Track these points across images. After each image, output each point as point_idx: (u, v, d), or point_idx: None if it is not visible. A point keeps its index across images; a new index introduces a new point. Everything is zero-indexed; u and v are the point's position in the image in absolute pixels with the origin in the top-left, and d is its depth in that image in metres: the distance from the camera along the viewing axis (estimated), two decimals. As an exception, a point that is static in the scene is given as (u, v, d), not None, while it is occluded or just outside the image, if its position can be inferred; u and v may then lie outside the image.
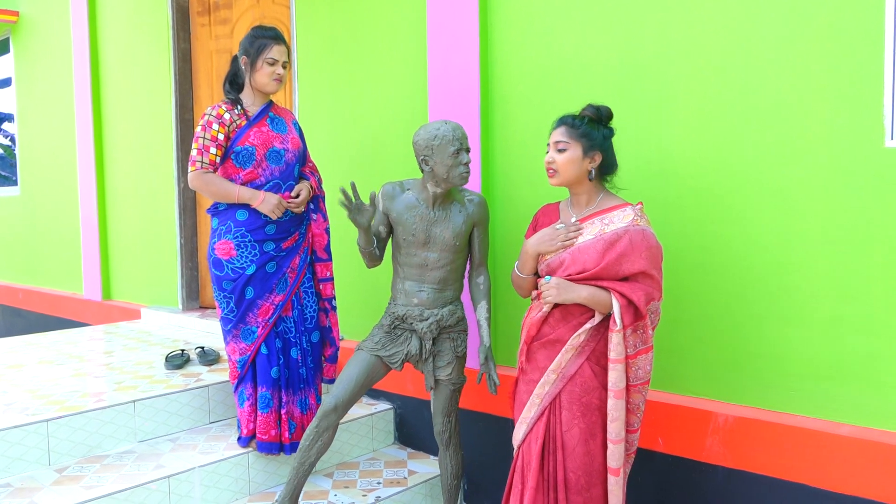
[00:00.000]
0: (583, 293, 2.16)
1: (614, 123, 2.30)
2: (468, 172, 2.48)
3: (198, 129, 2.83)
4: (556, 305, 2.24)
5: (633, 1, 2.64)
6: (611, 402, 2.17)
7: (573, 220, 2.28)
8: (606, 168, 2.28)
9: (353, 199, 2.47)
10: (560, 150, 2.22)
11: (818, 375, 2.31)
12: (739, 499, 2.43)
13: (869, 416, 2.22)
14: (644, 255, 2.15)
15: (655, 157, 2.62)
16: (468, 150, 2.49)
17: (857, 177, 2.20)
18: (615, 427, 2.17)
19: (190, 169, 2.84)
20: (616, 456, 2.19)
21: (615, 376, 2.15)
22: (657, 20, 2.59)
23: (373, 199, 2.50)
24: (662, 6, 2.57)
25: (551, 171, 2.25)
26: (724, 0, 2.43)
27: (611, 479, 2.20)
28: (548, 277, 2.18)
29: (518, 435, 2.31)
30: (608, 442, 2.19)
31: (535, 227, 2.41)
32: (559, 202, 2.41)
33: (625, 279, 2.17)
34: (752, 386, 2.45)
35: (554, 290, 2.18)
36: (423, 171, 2.51)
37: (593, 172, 2.24)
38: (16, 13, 6.49)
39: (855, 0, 2.18)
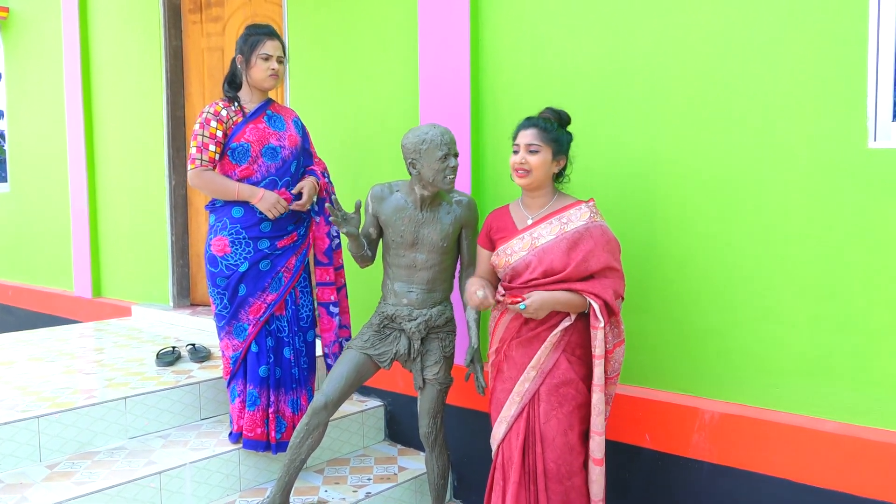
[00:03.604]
0: (560, 300, 2.22)
1: (604, 124, 2.35)
2: (455, 177, 2.51)
3: (196, 126, 2.83)
4: None
5: (623, 6, 2.67)
6: (595, 397, 2.24)
7: (529, 221, 2.35)
8: (562, 171, 2.39)
9: (339, 213, 2.53)
10: (532, 152, 2.29)
11: (802, 372, 2.34)
12: (725, 494, 2.46)
13: (852, 413, 2.26)
14: (606, 249, 2.26)
15: (643, 158, 2.64)
16: (456, 155, 2.51)
17: (841, 177, 2.23)
18: (599, 420, 2.25)
19: (189, 167, 2.83)
20: (600, 447, 2.26)
21: (599, 371, 2.23)
22: (646, 24, 2.61)
23: (357, 207, 2.56)
24: (652, 11, 2.60)
25: (523, 172, 2.30)
26: (712, 6, 2.46)
27: (595, 469, 2.27)
28: (522, 305, 2.19)
29: (498, 434, 2.36)
30: (593, 434, 2.26)
31: (487, 233, 2.47)
32: (507, 206, 2.47)
33: (590, 276, 2.25)
34: (738, 383, 2.48)
35: (534, 312, 2.21)
36: (410, 173, 2.53)
37: (555, 175, 2.36)
38: (6, 9, 6.45)
39: (839, 3, 2.21)
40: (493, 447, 2.40)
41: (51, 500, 2.43)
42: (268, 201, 2.82)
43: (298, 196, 2.95)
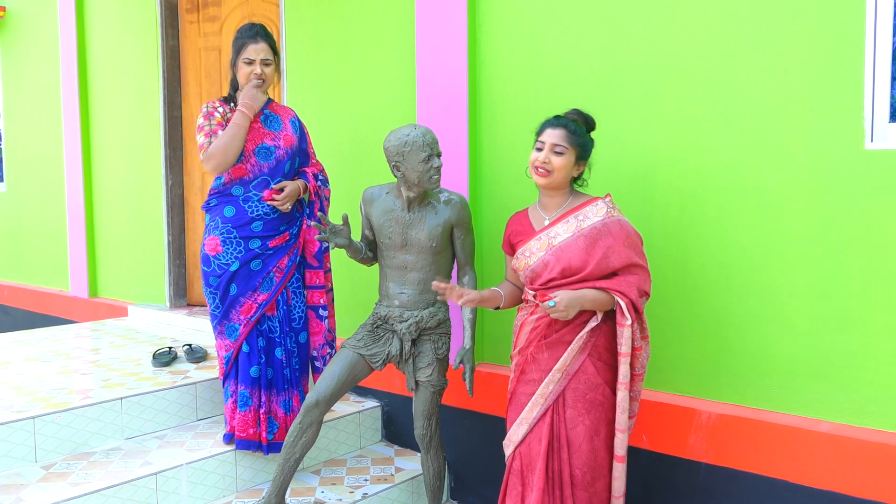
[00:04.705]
0: (588, 297, 2.17)
1: (600, 125, 2.35)
2: (439, 177, 2.53)
3: (199, 120, 2.82)
4: None
5: (619, 5, 2.67)
6: (620, 395, 2.22)
7: (546, 222, 2.33)
8: (580, 175, 2.37)
9: (327, 226, 2.57)
10: (557, 153, 2.25)
11: (798, 373, 2.35)
12: (721, 494, 2.46)
13: (847, 413, 2.27)
14: (626, 244, 2.22)
15: (639, 158, 2.64)
16: (439, 155, 2.53)
17: (838, 178, 2.24)
18: (624, 418, 2.23)
19: (201, 155, 2.80)
20: (623, 444, 2.25)
21: (624, 369, 2.21)
22: (642, 24, 2.62)
23: (345, 220, 2.60)
24: (647, 11, 2.60)
25: (543, 171, 2.27)
26: (706, 6, 2.46)
27: (618, 466, 2.26)
28: (552, 303, 2.14)
29: (517, 435, 2.32)
30: (617, 432, 2.25)
31: (509, 237, 2.45)
32: (526, 209, 2.45)
33: (613, 273, 2.22)
34: (734, 383, 2.48)
35: (563, 311, 2.15)
36: (395, 175, 2.55)
37: (572, 178, 2.34)
38: (2, 8, 6.44)
39: (836, 4, 2.21)
40: (508, 450, 2.35)
41: (46, 501, 2.42)
42: (246, 95, 2.82)
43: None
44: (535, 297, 2.30)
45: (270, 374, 2.93)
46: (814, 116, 2.27)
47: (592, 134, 2.37)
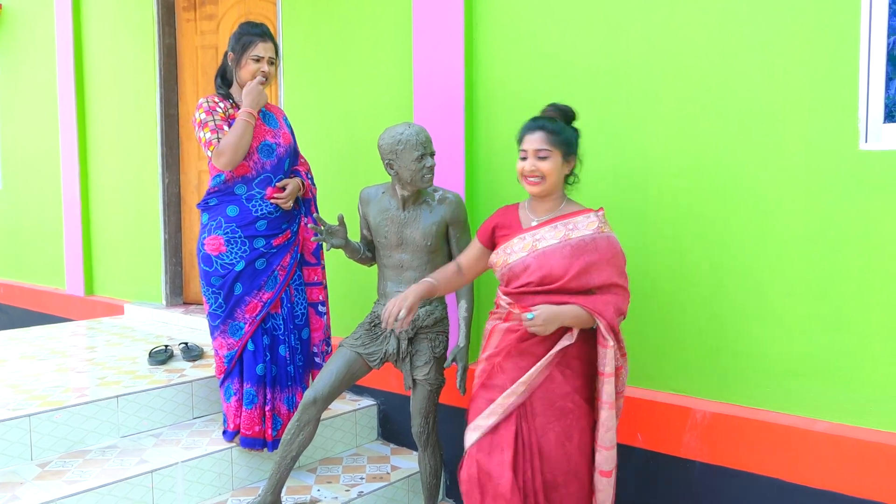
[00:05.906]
0: (570, 313, 2.10)
1: (598, 124, 2.34)
2: (432, 176, 2.53)
3: (201, 115, 2.79)
4: None
5: (617, 5, 2.67)
6: (604, 414, 2.15)
7: (533, 223, 2.24)
8: (572, 171, 2.26)
9: (323, 227, 2.58)
10: (542, 158, 2.16)
11: (794, 372, 2.35)
12: (716, 493, 2.47)
13: (843, 413, 2.27)
14: (612, 262, 2.16)
15: (635, 158, 2.65)
16: (432, 154, 2.53)
17: (833, 179, 2.24)
18: (610, 437, 2.17)
19: (208, 151, 2.77)
20: (608, 461, 2.18)
21: (609, 388, 2.14)
22: (640, 24, 2.62)
23: (340, 220, 2.61)
24: (645, 11, 2.60)
25: (535, 180, 2.18)
26: (704, 6, 2.47)
27: (603, 480, 2.20)
28: (531, 315, 2.07)
29: (469, 440, 2.22)
30: (600, 448, 2.18)
31: (491, 228, 2.33)
32: (517, 204, 2.35)
33: (590, 291, 2.15)
34: (730, 383, 2.49)
35: (541, 326, 2.08)
36: (389, 173, 2.56)
37: (565, 177, 2.25)
38: (-1, 5, 6.43)
39: (831, 4, 2.22)
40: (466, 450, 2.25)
41: (42, 499, 2.42)
42: (251, 92, 2.79)
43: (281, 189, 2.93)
44: (509, 304, 2.22)
45: (275, 371, 2.94)
46: (810, 116, 2.28)
47: (581, 127, 2.30)
